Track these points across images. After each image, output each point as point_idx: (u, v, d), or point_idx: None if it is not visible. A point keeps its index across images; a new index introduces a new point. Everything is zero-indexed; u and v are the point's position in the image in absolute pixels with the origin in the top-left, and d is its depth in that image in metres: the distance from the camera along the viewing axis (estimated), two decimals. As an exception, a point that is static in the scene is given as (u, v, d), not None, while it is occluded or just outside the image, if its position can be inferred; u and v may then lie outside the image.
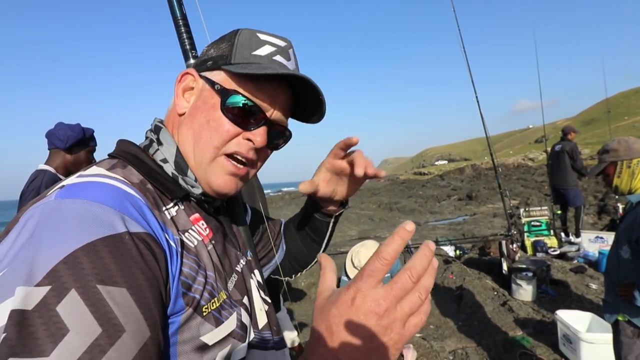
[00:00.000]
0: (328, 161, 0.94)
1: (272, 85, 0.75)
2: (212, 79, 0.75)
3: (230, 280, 0.76)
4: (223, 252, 0.78)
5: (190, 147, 0.74)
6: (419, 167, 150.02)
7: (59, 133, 2.53)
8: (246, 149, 0.74)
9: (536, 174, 26.60)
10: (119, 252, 0.50)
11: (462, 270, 6.07)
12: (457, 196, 21.46)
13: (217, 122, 0.73)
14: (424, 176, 53.95)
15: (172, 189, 0.72)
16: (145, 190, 0.66)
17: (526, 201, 15.61)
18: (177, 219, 0.68)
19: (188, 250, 0.65)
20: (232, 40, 0.76)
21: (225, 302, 0.69)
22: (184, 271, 0.62)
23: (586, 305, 4.70)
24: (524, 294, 5.05)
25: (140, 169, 0.70)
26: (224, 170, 0.74)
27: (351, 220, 15.23)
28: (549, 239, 7.34)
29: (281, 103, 0.77)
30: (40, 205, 0.54)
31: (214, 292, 0.67)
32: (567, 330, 3.53)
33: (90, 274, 0.47)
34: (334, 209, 1.06)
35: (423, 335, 4.27)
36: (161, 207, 0.66)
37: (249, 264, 0.90)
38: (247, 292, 0.80)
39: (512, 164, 42.00)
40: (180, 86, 0.77)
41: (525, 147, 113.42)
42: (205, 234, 0.74)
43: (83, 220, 0.50)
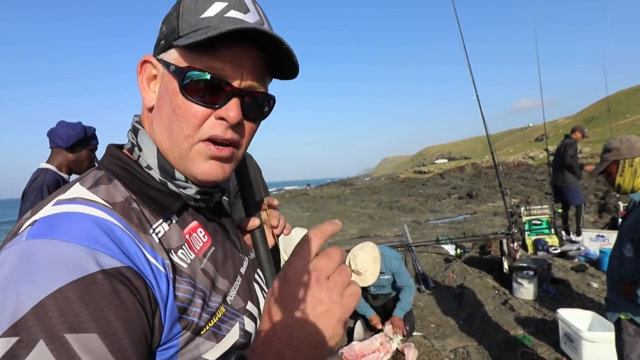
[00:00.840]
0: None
1: (232, 49, 0.63)
2: (167, 60, 0.66)
3: (233, 286, 0.72)
4: (224, 257, 0.75)
5: (166, 143, 0.67)
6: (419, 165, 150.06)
7: (60, 132, 2.53)
8: (222, 129, 0.65)
9: (537, 173, 26.59)
10: (89, 295, 0.47)
11: (463, 269, 6.07)
12: (457, 195, 21.45)
13: (182, 107, 0.64)
14: (424, 175, 53.95)
15: (166, 204, 0.67)
16: (129, 211, 0.61)
17: (527, 200, 15.61)
18: (167, 238, 0.64)
19: (181, 273, 0.61)
20: (177, 9, 0.66)
21: (225, 315, 0.66)
22: (178, 296, 0.59)
23: (587, 304, 4.70)
24: (525, 293, 5.04)
25: (130, 183, 0.66)
26: (204, 155, 0.66)
27: (351, 219, 15.23)
28: (550, 237, 7.34)
29: (249, 66, 0.66)
30: (12, 247, 0.51)
31: (211, 309, 0.64)
32: (569, 329, 3.53)
33: (58, 322, 0.45)
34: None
35: (424, 334, 4.27)
36: (148, 229, 0.61)
37: (253, 264, 0.86)
38: (251, 296, 0.76)
39: (512, 163, 41.99)
40: (143, 77, 0.69)
41: (526, 146, 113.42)
42: (202, 243, 0.71)
43: (51, 264, 0.48)
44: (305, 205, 20.37)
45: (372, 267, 4.00)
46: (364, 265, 3.98)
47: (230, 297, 0.69)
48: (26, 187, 2.41)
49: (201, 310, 0.62)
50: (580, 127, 7.77)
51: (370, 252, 4.06)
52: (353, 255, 4.10)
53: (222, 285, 0.69)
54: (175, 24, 0.65)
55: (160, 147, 0.69)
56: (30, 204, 2.33)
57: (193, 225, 0.71)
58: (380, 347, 3.82)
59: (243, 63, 0.65)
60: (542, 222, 7.55)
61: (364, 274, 3.99)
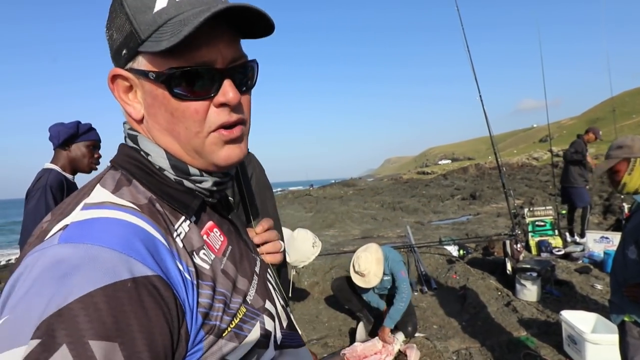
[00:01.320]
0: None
1: (203, 34, 0.60)
2: (141, 69, 0.63)
3: (252, 285, 0.73)
4: (241, 256, 0.75)
5: (175, 145, 0.67)
6: (422, 166, 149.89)
7: (52, 131, 2.56)
8: (227, 114, 0.65)
9: (540, 174, 26.48)
10: (117, 302, 0.47)
11: (466, 270, 6.05)
12: (460, 196, 21.39)
13: (180, 109, 0.63)
14: (427, 175, 53.86)
15: (187, 202, 0.68)
16: (155, 214, 0.61)
17: (530, 201, 15.54)
18: (189, 239, 0.64)
19: (203, 277, 0.61)
20: (123, 11, 0.62)
21: (247, 315, 0.67)
22: (201, 302, 0.59)
23: (591, 305, 4.67)
24: (528, 295, 5.02)
25: (148, 183, 0.66)
26: (220, 143, 0.66)
27: (354, 219, 15.21)
28: (554, 239, 7.30)
29: (223, 42, 0.64)
30: (42, 250, 0.51)
31: (232, 311, 0.64)
32: (572, 331, 3.51)
33: (84, 328, 0.44)
34: None
35: (426, 335, 4.25)
36: (172, 231, 0.61)
37: (263, 263, 0.86)
38: (267, 295, 0.77)
39: (516, 164, 41.85)
40: (119, 92, 0.66)
41: (530, 147, 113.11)
42: (220, 242, 0.71)
43: (84, 268, 0.48)
44: (308, 206, 20.36)
45: (376, 268, 3.99)
46: (367, 267, 3.97)
47: (249, 296, 0.70)
48: (30, 187, 2.43)
49: (222, 313, 0.62)
50: (595, 129, 7.64)
51: (373, 254, 4.05)
52: (357, 256, 4.10)
53: (242, 284, 0.70)
54: (129, 28, 0.61)
55: (168, 149, 0.67)
56: (35, 203, 2.33)
57: (209, 225, 0.71)
58: (382, 349, 3.81)
59: (217, 41, 0.62)
60: (545, 223, 7.52)
61: (368, 276, 3.99)
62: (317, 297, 5.74)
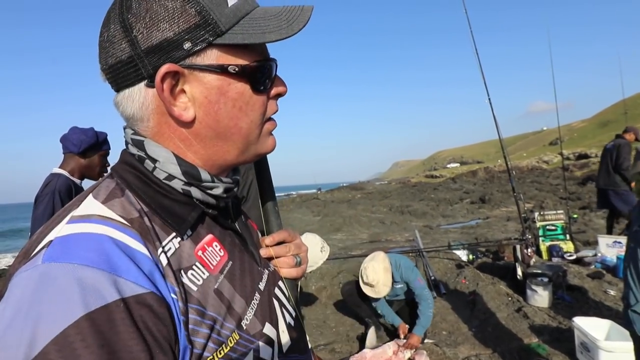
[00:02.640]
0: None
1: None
2: (217, 63, 0.59)
3: (251, 306, 0.67)
4: (242, 272, 0.70)
5: (224, 147, 0.65)
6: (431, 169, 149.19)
7: (72, 138, 2.57)
8: (276, 105, 0.71)
9: (551, 177, 26.23)
10: (112, 325, 0.45)
11: (476, 275, 5.98)
12: (469, 199, 21.24)
13: (251, 102, 0.64)
14: (435, 179, 53.59)
15: (182, 215, 0.63)
16: (145, 229, 0.57)
17: (541, 204, 15.40)
18: (178, 257, 0.59)
19: (190, 299, 0.57)
20: (190, 2, 0.57)
21: (239, 344, 0.61)
22: (187, 323, 0.55)
23: (604, 312, 4.59)
24: (540, 300, 4.94)
25: (143, 194, 0.62)
26: (267, 132, 0.70)
27: (362, 223, 15.16)
28: (565, 243, 7.19)
29: None
30: (27, 271, 0.48)
31: (221, 338, 0.59)
32: (585, 338, 3.44)
33: (82, 354, 0.42)
34: None
35: (435, 342, 4.21)
36: (158, 248, 0.57)
37: (273, 276, 0.80)
38: (270, 316, 0.71)
39: (526, 167, 41.47)
40: (167, 92, 0.59)
41: (540, 150, 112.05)
42: (219, 258, 0.66)
43: (71, 291, 0.45)
44: (315, 210, 20.34)
45: (384, 277, 3.97)
46: (375, 277, 3.95)
47: (245, 320, 0.64)
48: (39, 192, 2.45)
49: (207, 340, 0.57)
50: (635, 128, 7.36)
51: (380, 263, 4.03)
52: (364, 267, 4.09)
53: (239, 306, 0.64)
54: (204, 20, 0.57)
55: (197, 155, 0.65)
56: (43, 208, 2.36)
57: (208, 239, 0.66)
58: (392, 356, 3.77)
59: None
60: (556, 227, 7.41)
61: (377, 286, 3.97)
62: (325, 302, 5.71)
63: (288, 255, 0.84)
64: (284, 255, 0.84)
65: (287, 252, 0.84)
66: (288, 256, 0.84)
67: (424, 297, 4.05)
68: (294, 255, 0.85)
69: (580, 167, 29.98)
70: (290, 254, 0.84)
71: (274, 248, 0.83)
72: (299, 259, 0.85)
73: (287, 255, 0.84)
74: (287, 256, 0.84)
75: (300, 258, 0.86)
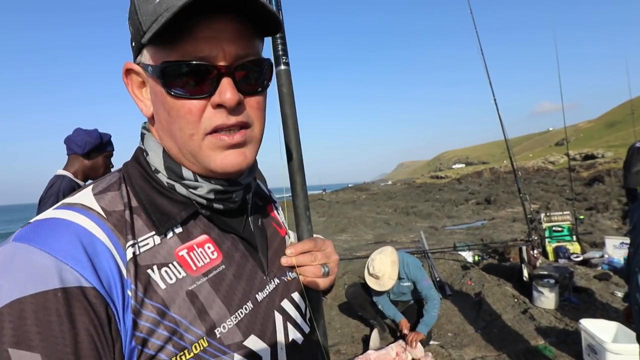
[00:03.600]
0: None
1: (202, 25, 0.56)
2: (145, 62, 0.60)
3: (234, 315, 0.62)
4: (236, 278, 0.66)
5: (175, 148, 0.63)
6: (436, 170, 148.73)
7: (77, 139, 2.57)
8: (224, 117, 0.59)
9: (557, 178, 26.06)
10: (44, 313, 0.46)
11: (481, 276, 5.95)
12: (475, 200, 21.16)
13: (175, 107, 0.59)
14: (441, 180, 53.41)
15: (171, 213, 0.62)
16: (122, 224, 0.58)
17: (547, 205, 15.30)
18: (153, 252, 0.59)
19: (152, 297, 0.55)
20: (133, 2, 0.59)
21: (206, 351, 0.57)
22: (139, 325, 0.53)
23: (611, 314, 4.55)
24: (546, 302, 4.91)
25: (139, 190, 0.63)
26: (218, 147, 0.61)
27: (367, 224, 15.14)
28: (572, 244, 7.15)
29: (227, 36, 0.58)
30: (2, 245, 0.52)
31: (183, 342, 0.56)
32: (592, 340, 3.41)
33: (7, 334, 0.44)
34: None
35: (441, 343, 4.19)
36: (132, 244, 0.57)
37: (285, 288, 0.75)
38: (261, 328, 0.66)
39: (531, 168, 41.25)
40: (133, 87, 0.64)
41: (546, 150, 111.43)
42: (209, 260, 0.64)
43: (20, 272, 0.48)
44: (320, 211, 20.35)
45: (390, 270, 3.94)
46: (382, 269, 3.92)
47: (221, 328, 0.60)
48: (43, 193, 2.46)
49: (165, 342, 0.54)
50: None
51: (388, 256, 4.00)
52: (371, 259, 4.06)
53: (215, 312, 0.60)
54: (137, 19, 0.58)
55: (170, 152, 0.65)
56: (47, 210, 2.37)
57: (201, 239, 0.65)
58: (395, 357, 3.76)
59: (218, 35, 0.57)
60: (563, 228, 7.36)
61: (382, 278, 3.94)
62: (330, 303, 5.70)
63: (315, 265, 0.78)
64: (308, 264, 0.78)
65: (313, 261, 0.78)
66: (315, 265, 0.78)
67: (431, 297, 4.03)
68: (322, 264, 0.79)
69: (587, 168, 29.77)
70: (317, 263, 0.78)
71: (298, 257, 0.78)
72: (327, 269, 0.79)
73: (313, 265, 0.78)
74: (314, 265, 0.78)
75: (328, 268, 0.79)
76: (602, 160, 33.29)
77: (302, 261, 0.77)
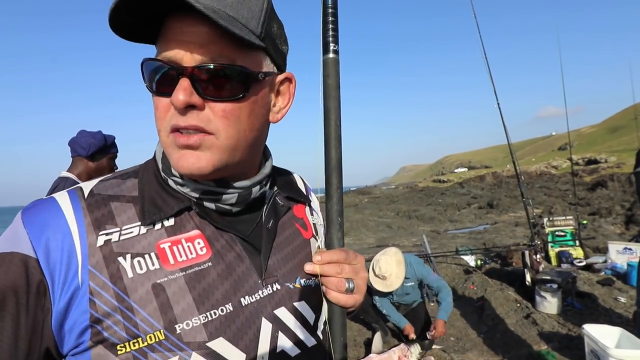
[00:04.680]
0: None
1: (174, 28, 0.58)
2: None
3: (206, 314, 0.61)
4: (220, 278, 0.65)
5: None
6: (438, 174, 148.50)
7: (81, 141, 2.58)
8: (177, 118, 0.60)
9: (560, 182, 25.99)
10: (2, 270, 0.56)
11: (484, 280, 5.94)
12: (477, 204, 21.12)
13: (154, 103, 0.63)
14: (443, 184, 53.35)
15: (163, 206, 0.65)
16: (102, 208, 0.63)
17: (550, 210, 15.26)
18: (132, 242, 0.61)
19: (116, 281, 0.58)
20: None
21: (161, 344, 0.58)
22: (96, 305, 0.57)
23: (614, 319, 4.53)
24: (549, 307, 4.89)
25: (142, 183, 0.68)
26: (174, 145, 0.61)
27: (369, 227, 15.13)
28: (575, 249, 7.12)
29: (196, 39, 0.58)
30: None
31: (137, 331, 0.57)
32: (595, 345, 3.39)
33: None
34: None
35: (443, 348, 4.17)
36: (108, 229, 0.61)
37: (286, 295, 0.72)
38: (237, 334, 0.64)
39: (534, 172, 41.17)
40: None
41: (548, 155, 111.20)
42: (195, 255, 0.64)
43: (6, 234, 0.59)
44: (322, 214, 20.35)
45: (397, 270, 3.92)
46: (388, 269, 3.90)
47: (183, 325, 0.60)
48: (47, 195, 2.46)
49: (117, 326, 0.57)
50: None
51: (393, 256, 3.99)
52: (376, 260, 4.04)
53: (181, 308, 0.60)
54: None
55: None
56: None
57: (192, 234, 0.65)
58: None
59: (187, 38, 0.58)
60: (566, 233, 7.34)
61: (389, 278, 3.91)
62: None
63: (339, 277, 0.71)
64: (333, 275, 0.71)
65: (339, 274, 0.71)
66: (339, 278, 0.71)
67: (442, 286, 4.06)
68: (347, 279, 0.71)
69: (590, 173, 29.70)
70: (342, 276, 0.71)
71: (323, 266, 0.72)
72: (352, 285, 0.71)
73: (337, 277, 0.71)
74: (338, 278, 0.71)
75: (354, 284, 0.71)
76: (605, 165, 33.21)
77: (327, 271, 0.71)
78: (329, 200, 0.75)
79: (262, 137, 0.71)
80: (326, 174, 0.76)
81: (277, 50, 0.68)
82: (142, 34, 0.62)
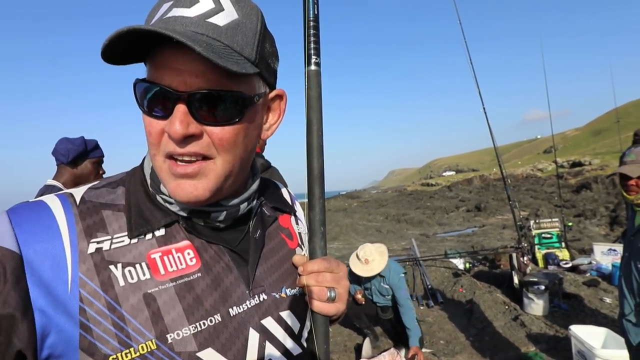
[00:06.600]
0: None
1: (167, 53, 0.57)
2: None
3: (195, 325, 0.62)
4: (209, 289, 0.65)
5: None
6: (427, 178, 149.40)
7: (60, 148, 2.54)
8: (173, 145, 0.59)
9: (545, 185, 26.36)
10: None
11: (472, 283, 5.99)
12: (465, 207, 21.31)
13: (145, 123, 0.61)
14: (431, 187, 53.66)
15: (151, 219, 0.65)
16: (92, 214, 0.62)
17: (536, 212, 15.46)
18: (122, 251, 0.61)
19: (108, 290, 0.57)
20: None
21: (153, 354, 0.58)
22: (86, 312, 0.55)
23: (600, 320, 4.60)
24: (536, 308, 4.95)
25: (133, 191, 0.67)
26: (170, 173, 0.61)
27: (358, 231, 15.15)
28: (561, 251, 7.23)
29: (190, 67, 0.57)
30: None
31: (129, 340, 0.57)
32: (582, 346, 3.44)
33: None
34: None
35: (433, 351, 4.19)
36: (98, 237, 0.60)
37: (273, 305, 0.72)
38: (226, 344, 0.64)
39: (520, 175, 41.65)
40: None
41: (534, 158, 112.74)
42: (184, 266, 0.64)
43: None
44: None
45: (379, 258, 4.08)
46: (372, 255, 4.03)
47: (174, 335, 0.60)
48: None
49: (110, 336, 0.56)
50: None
51: (378, 247, 4.17)
52: (361, 246, 4.19)
53: (171, 318, 0.60)
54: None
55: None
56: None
57: (182, 244, 0.66)
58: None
59: (183, 66, 0.57)
60: (552, 235, 7.44)
61: (371, 263, 4.02)
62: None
63: (321, 286, 0.72)
64: (314, 285, 0.72)
65: (320, 283, 0.72)
66: (321, 287, 0.72)
67: (406, 306, 3.96)
68: (328, 288, 0.72)
69: (575, 175, 30.15)
70: (323, 285, 0.72)
71: (305, 276, 0.73)
72: (333, 293, 0.72)
73: (319, 286, 0.72)
74: (320, 287, 0.72)
75: (335, 293, 0.72)
76: (589, 168, 33.75)
77: (308, 280, 0.73)
78: (311, 210, 0.76)
79: (252, 156, 0.71)
80: (308, 184, 0.76)
81: (269, 69, 0.68)
82: (127, 56, 0.59)
